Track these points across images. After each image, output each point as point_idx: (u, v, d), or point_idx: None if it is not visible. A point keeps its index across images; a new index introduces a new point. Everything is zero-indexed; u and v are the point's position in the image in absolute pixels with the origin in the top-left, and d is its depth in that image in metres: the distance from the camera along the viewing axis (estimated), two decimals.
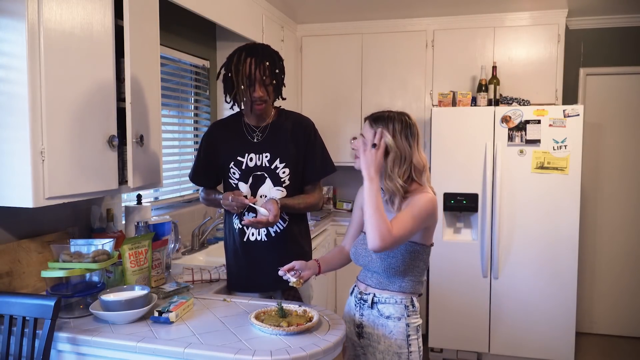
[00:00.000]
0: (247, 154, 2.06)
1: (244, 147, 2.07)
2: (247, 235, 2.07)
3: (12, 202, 1.60)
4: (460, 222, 3.61)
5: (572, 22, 3.93)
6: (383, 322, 1.77)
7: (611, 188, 4.08)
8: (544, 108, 3.38)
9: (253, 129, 2.10)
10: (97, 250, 1.73)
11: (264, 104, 2.02)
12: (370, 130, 1.74)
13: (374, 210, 1.63)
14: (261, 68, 1.95)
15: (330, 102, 4.17)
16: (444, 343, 3.65)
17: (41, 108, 1.56)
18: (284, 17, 3.86)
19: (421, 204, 1.69)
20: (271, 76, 1.98)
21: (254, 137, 2.09)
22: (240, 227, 2.07)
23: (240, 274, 2.12)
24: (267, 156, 2.06)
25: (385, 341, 1.76)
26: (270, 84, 1.99)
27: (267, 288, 2.09)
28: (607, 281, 4.11)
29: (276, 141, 2.07)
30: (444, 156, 3.54)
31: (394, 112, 1.77)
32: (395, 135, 1.71)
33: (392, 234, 1.61)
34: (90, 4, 1.74)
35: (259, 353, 1.40)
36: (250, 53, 1.97)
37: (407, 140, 1.72)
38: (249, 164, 2.06)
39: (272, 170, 2.05)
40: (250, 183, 2.06)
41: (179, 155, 3.20)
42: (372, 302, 1.79)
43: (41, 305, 1.51)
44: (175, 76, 3.07)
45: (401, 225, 1.64)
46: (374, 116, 1.78)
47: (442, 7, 3.72)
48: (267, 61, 1.97)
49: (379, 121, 1.74)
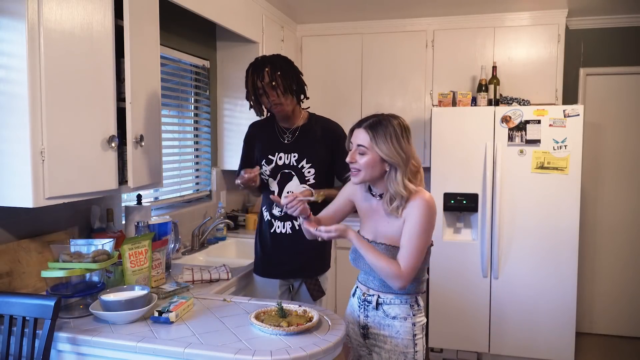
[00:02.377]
0: (277, 154, 2.28)
1: (275, 147, 2.29)
2: (274, 227, 2.31)
3: (12, 202, 1.60)
4: (460, 222, 3.61)
5: (572, 22, 3.93)
6: (389, 322, 1.76)
7: (611, 188, 4.08)
8: (544, 108, 3.38)
9: (284, 131, 2.31)
10: (97, 250, 1.73)
11: (279, 106, 2.20)
12: (366, 136, 1.68)
13: (372, 261, 1.69)
14: (260, 76, 2.15)
15: (330, 102, 4.17)
16: (444, 343, 3.65)
17: (41, 108, 1.56)
18: (284, 17, 3.86)
19: (421, 215, 1.67)
20: (273, 80, 2.14)
21: (284, 139, 2.30)
22: (269, 219, 2.32)
23: (265, 260, 2.36)
24: (295, 156, 2.27)
25: (391, 341, 1.75)
26: (277, 86, 2.14)
27: (288, 275, 2.34)
28: (607, 281, 4.11)
29: (305, 143, 2.27)
30: (444, 156, 3.54)
31: (386, 115, 1.73)
32: (398, 137, 1.67)
33: (402, 273, 1.66)
34: (90, 4, 1.74)
35: (259, 353, 1.40)
36: (253, 68, 2.20)
37: (408, 141, 1.71)
38: (279, 162, 2.28)
39: (298, 169, 2.27)
40: (278, 180, 2.29)
41: (179, 155, 3.20)
42: (376, 303, 1.78)
43: (41, 305, 1.51)
44: (175, 76, 3.07)
45: (411, 253, 1.67)
46: (370, 123, 1.70)
47: (442, 7, 3.72)
48: (266, 67, 2.15)
49: (377, 126, 1.68)
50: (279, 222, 2.30)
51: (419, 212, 1.67)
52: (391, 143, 1.66)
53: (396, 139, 1.67)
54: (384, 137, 1.66)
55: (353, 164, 1.73)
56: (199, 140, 3.41)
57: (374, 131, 1.68)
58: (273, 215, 2.32)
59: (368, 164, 1.69)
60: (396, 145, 1.66)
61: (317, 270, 2.36)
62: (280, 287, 2.35)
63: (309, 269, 2.34)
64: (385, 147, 1.66)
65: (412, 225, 1.68)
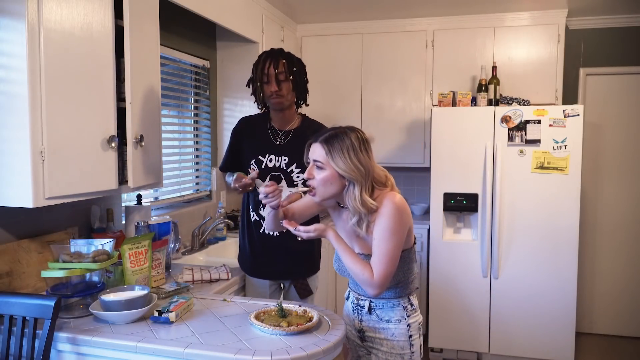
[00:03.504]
0: (268, 155, 2.22)
1: (266, 148, 2.23)
2: (262, 227, 2.24)
3: (12, 202, 1.60)
4: (460, 222, 3.61)
5: (572, 22, 3.93)
6: (384, 325, 1.75)
7: (611, 188, 4.08)
8: (544, 108, 3.38)
9: (277, 132, 2.25)
10: (97, 250, 1.73)
11: (280, 98, 2.15)
12: (322, 151, 1.61)
13: (348, 264, 1.65)
14: (275, 64, 2.12)
15: (330, 102, 4.17)
16: (444, 343, 3.65)
17: (41, 108, 1.56)
18: (284, 17, 3.86)
19: (389, 217, 1.59)
20: (287, 73, 2.14)
21: (276, 140, 2.24)
22: (257, 219, 2.26)
23: (254, 261, 2.29)
24: (285, 159, 2.21)
25: (387, 343, 1.75)
26: (287, 80, 2.14)
27: (278, 277, 2.29)
28: (607, 281, 4.11)
29: (296, 147, 2.13)
30: (444, 156, 3.54)
31: (343, 127, 1.65)
32: (356, 151, 1.59)
33: (374, 280, 1.60)
34: (90, 4, 1.74)
35: (259, 353, 1.40)
36: (269, 54, 2.18)
37: (368, 154, 1.62)
38: (269, 164, 2.22)
39: (287, 173, 2.21)
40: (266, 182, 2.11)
41: (179, 155, 3.20)
42: (369, 308, 1.77)
43: (41, 305, 1.51)
44: (175, 76, 3.07)
45: (382, 259, 1.59)
46: (326, 137, 1.62)
47: (442, 7, 3.72)
48: (283, 59, 2.15)
49: (333, 141, 1.60)
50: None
51: (386, 215, 1.60)
52: (348, 157, 1.58)
53: (354, 152, 1.58)
54: (340, 151, 1.58)
55: (310, 181, 1.65)
56: (199, 140, 3.41)
57: (329, 145, 1.60)
58: (261, 216, 2.25)
59: (326, 180, 1.61)
60: (354, 159, 1.58)
61: (307, 272, 2.32)
62: (270, 287, 2.31)
63: (299, 270, 2.30)
64: (342, 162, 1.58)
65: (381, 230, 1.60)
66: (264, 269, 2.29)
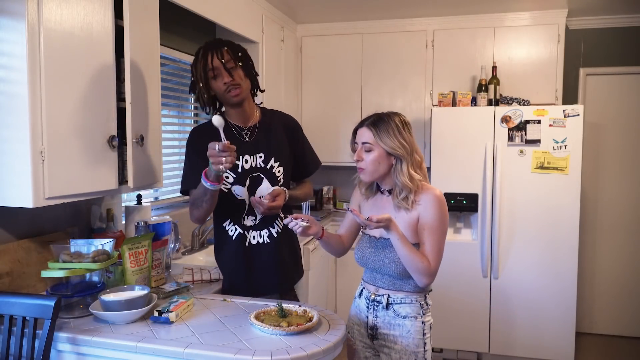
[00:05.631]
0: (242, 156, 1.97)
1: (237, 150, 1.80)
2: (248, 239, 2.00)
3: (12, 202, 1.60)
4: (460, 222, 3.61)
5: (572, 22, 3.93)
6: (400, 322, 1.76)
7: (611, 188, 4.08)
8: (544, 108, 3.38)
9: (241, 129, 2.02)
10: (97, 250, 1.73)
11: (238, 88, 1.91)
12: (370, 133, 1.74)
13: (405, 254, 1.69)
14: (219, 54, 1.89)
15: (330, 102, 4.17)
16: (444, 343, 3.65)
17: (41, 108, 1.56)
18: (284, 17, 3.86)
19: (436, 209, 1.72)
20: (234, 60, 1.92)
21: (244, 138, 2.00)
22: (240, 232, 2.00)
23: (241, 279, 2.03)
24: (261, 156, 2.00)
25: (402, 341, 1.75)
26: (236, 67, 1.91)
27: (269, 291, 2.02)
28: (607, 281, 4.11)
29: (268, 141, 2.02)
30: (444, 156, 3.54)
31: (386, 112, 1.80)
32: (400, 131, 1.73)
33: (431, 267, 1.70)
34: (90, 4, 1.74)
35: (259, 353, 1.40)
36: (208, 47, 1.93)
37: (410, 134, 1.77)
38: (245, 165, 1.98)
39: (267, 170, 2.01)
40: (247, 185, 1.99)
41: (179, 155, 3.19)
42: (387, 303, 1.78)
43: (41, 305, 1.51)
44: (175, 76, 3.07)
45: (434, 249, 1.72)
46: (372, 121, 1.77)
47: (442, 7, 3.72)
48: (225, 46, 1.93)
49: (379, 123, 1.75)
50: (254, 232, 1.99)
51: (434, 208, 1.72)
52: (394, 136, 1.72)
53: (398, 132, 1.73)
54: (386, 131, 1.72)
55: (360, 162, 1.77)
56: None
57: (376, 127, 1.74)
58: (245, 227, 1.99)
59: (374, 160, 1.74)
60: (399, 138, 1.72)
61: (296, 278, 2.16)
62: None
63: (289, 279, 2.12)
64: (389, 141, 1.72)
65: (430, 221, 1.72)
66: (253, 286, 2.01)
